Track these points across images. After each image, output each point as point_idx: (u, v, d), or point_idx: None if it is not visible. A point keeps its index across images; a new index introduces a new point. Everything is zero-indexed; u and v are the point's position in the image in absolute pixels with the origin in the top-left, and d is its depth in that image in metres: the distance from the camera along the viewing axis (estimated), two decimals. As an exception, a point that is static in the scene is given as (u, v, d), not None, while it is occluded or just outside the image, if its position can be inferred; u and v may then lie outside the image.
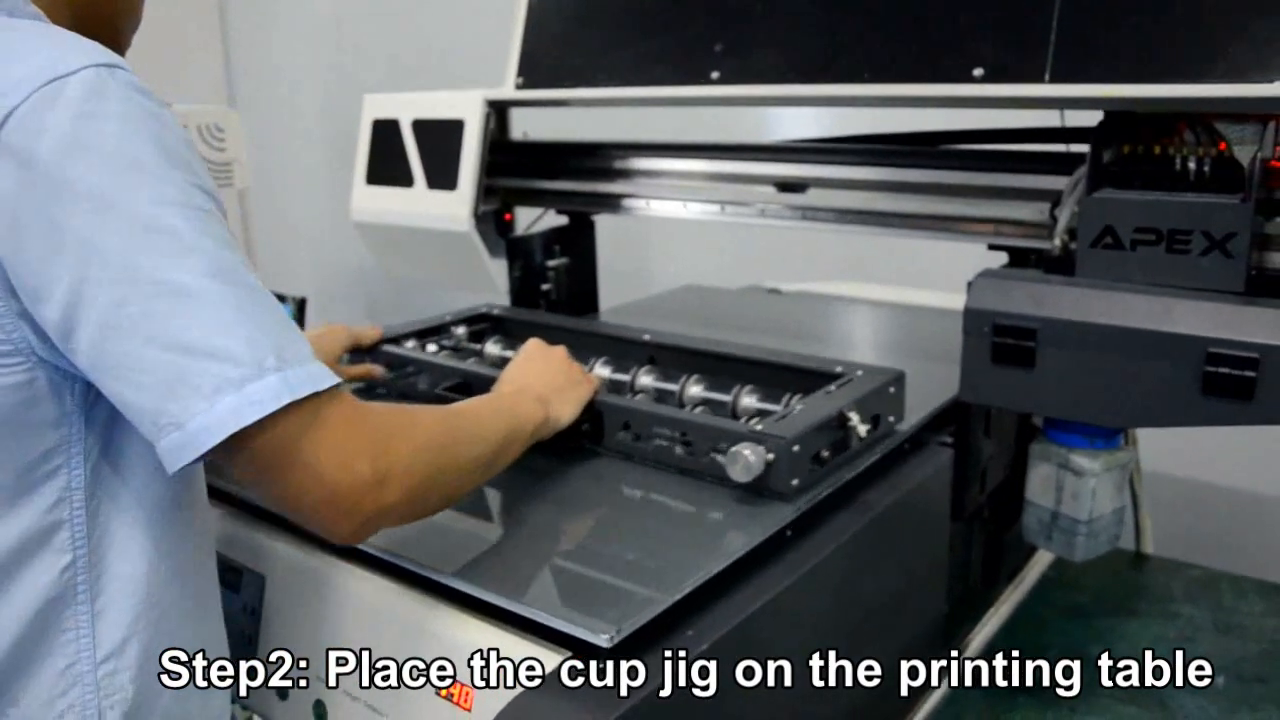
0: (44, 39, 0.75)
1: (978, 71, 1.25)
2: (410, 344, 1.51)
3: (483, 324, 1.65)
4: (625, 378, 1.37)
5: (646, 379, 1.36)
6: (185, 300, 0.71)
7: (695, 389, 1.32)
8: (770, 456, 1.07)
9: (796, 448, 1.08)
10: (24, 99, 0.70)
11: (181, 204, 0.72)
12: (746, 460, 1.06)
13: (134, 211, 0.71)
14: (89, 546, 0.80)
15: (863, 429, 1.16)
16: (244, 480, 0.78)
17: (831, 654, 1.11)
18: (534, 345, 1.27)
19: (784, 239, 2.13)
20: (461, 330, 1.60)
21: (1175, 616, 1.64)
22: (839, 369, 1.28)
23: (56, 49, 0.73)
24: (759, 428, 1.10)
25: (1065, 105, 1.31)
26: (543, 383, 1.18)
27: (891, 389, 1.24)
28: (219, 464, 0.74)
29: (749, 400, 1.27)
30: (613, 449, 1.24)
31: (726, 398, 1.29)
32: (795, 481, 1.09)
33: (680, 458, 1.18)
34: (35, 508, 0.78)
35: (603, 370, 1.40)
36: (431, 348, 1.51)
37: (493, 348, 1.53)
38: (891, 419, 1.25)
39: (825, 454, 1.14)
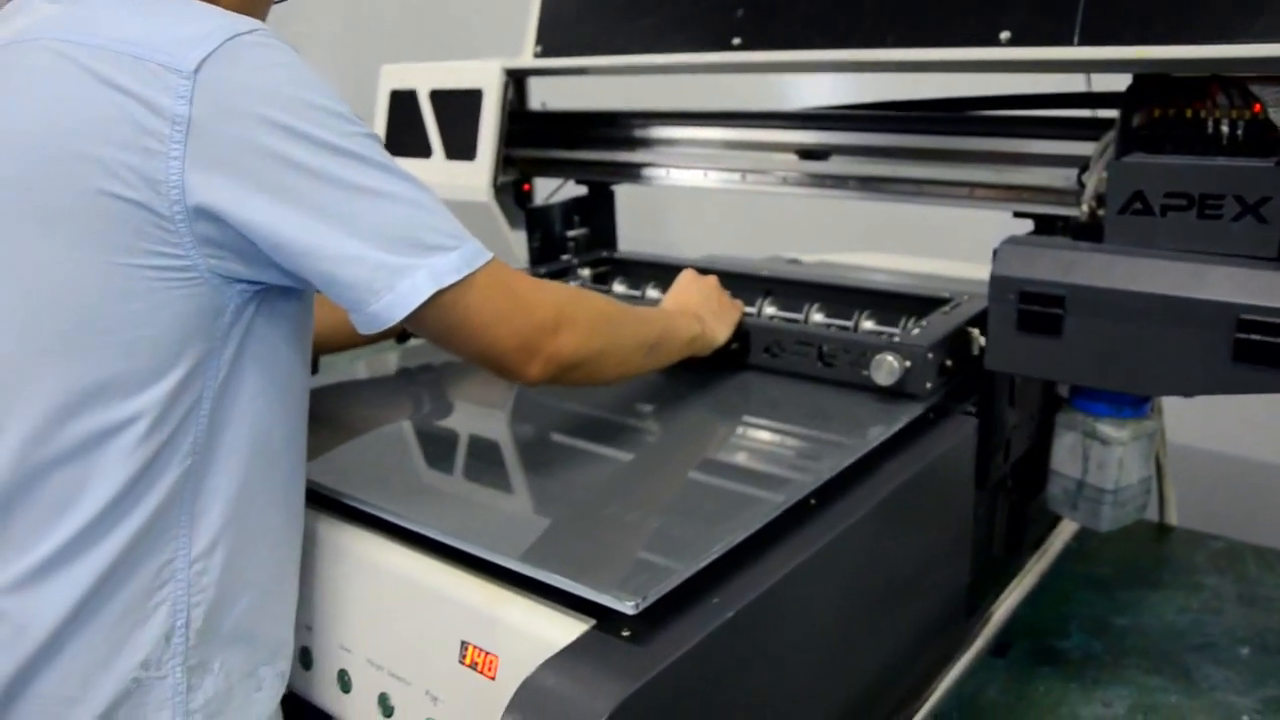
0: (213, 10, 0.87)
1: (1004, 34, 1.22)
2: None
3: (604, 266, 1.78)
4: (751, 310, 1.51)
5: (770, 309, 1.53)
6: (380, 198, 0.86)
7: (818, 316, 1.49)
8: (908, 363, 1.23)
9: (930, 355, 1.23)
10: (215, 48, 0.82)
11: (353, 132, 0.86)
12: (891, 365, 1.24)
13: (321, 139, 0.84)
14: (202, 455, 0.90)
15: (981, 341, 1.30)
16: (452, 338, 0.94)
17: (855, 623, 1.10)
18: (689, 275, 1.42)
19: (804, 209, 2.10)
20: (586, 272, 1.75)
21: (1199, 588, 1.63)
22: (947, 294, 1.43)
23: (228, 16, 0.86)
24: (898, 339, 1.29)
25: (1095, 68, 1.28)
26: (699, 305, 1.35)
27: None
28: (422, 326, 0.91)
29: (869, 324, 1.45)
30: (758, 365, 1.40)
31: (848, 323, 1.45)
32: (928, 384, 1.24)
33: (819, 370, 1.34)
34: (178, 410, 0.87)
35: None
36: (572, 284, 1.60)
37: (619, 286, 1.68)
38: None
39: (949, 363, 1.28)
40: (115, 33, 0.83)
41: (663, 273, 1.53)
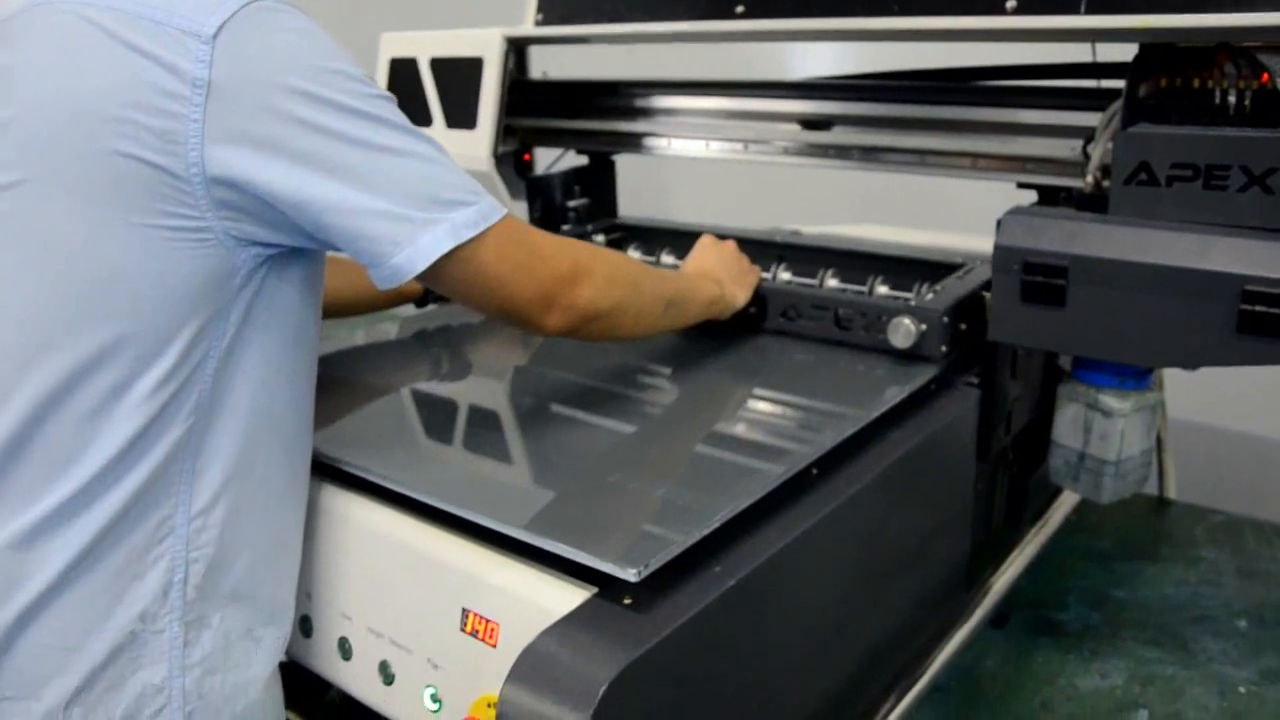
0: None
1: (1011, 3, 1.21)
2: None
3: (617, 233, 1.80)
4: (766, 275, 1.51)
5: (785, 274, 1.54)
6: (400, 156, 0.88)
7: (833, 281, 1.51)
8: (924, 326, 1.25)
9: (945, 319, 1.25)
10: (233, 13, 0.83)
11: (369, 94, 0.88)
12: (908, 328, 1.26)
13: (339, 102, 0.85)
14: (206, 412, 0.90)
15: None
16: (471, 291, 0.96)
17: (856, 593, 1.10)
18: (708, 240, 1.45)
19: (804, 181, 2.10)
20: (600, 238, 1.76)
21: (1198, 561, 1.63)
22: (960, 261, 1.46)
23: None
24: (913, 303, 1.31)
25: (1102, 38, 1.27)
26: (719, 269, 1.37)
27: None
28: (442, 280, 0.93)
29: (883, 289, 1.46)
30: (773, 329, 1.43)
31: (863, 288, 1.47)
32: (943, 348, 1.26)
33: (835, 333, 1.37)
34: (181, 375, 0.88)
35: None
36: None
37: (633, 252, 1.70)
38: None
39: (963, 327, 1.30)
40: None
41: (676, 239, 1.54)
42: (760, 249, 1.59)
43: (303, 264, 0.96)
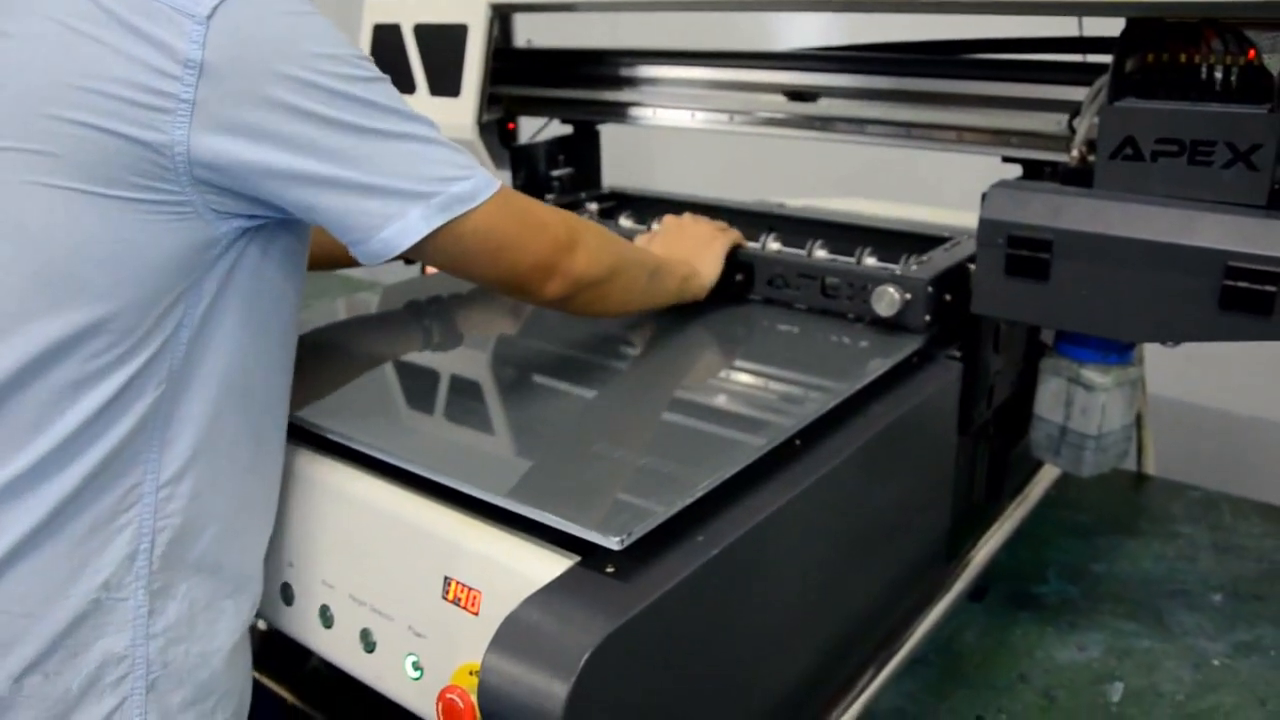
0: None
1: (999, -25, 1.21)
2: None
3: (611, 202, 1.79)
4: (755, 245, 1.52)
5: (774, 245, 1.53)
6: (390, 139, 0.89)
7: (821, 252, 1.50)
8: (908, 295, 1.25)
9: (930, 288, 1.26)
10: None
11: (365, 77, 0.88)
12: (892, 297, 1.27)
13: (331, 87, 0.85)
14: (176, 383, 0.90)
15: None
16: (468, 262, 0.98)
17: (837, 564, 1.11)
18: (668, 221, 1.47)
19: (789, 153, 2.09)
20: (594, 207, 1.75)
21: (1175, 536, 1.65)
22: (947, 234, 1.47)
23: None
24: (899, 272, 1.31)
25: (1090, 11, 1.26)
26: (684, 249, 1.38)
27: None
28: (437, 254, 0.95)
29: (870, 260, 1.45)
30: (761, 297, 1.44)
31: (850, 259, 1.46)
32: (926, 317, 1.27)
33: (821, 302, 1.38)
34: (153, 344, 0.87)
35: None
36: None
37: (626, 221, 1.70)
38: None
39: (948, 298, 1.31)
40: None
41: (669, 209, 1.53)
42: (750, 219, 1.59)
43: (285, 235, 0.95)
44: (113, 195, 0.82)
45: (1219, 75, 1.13)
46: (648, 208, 1.72)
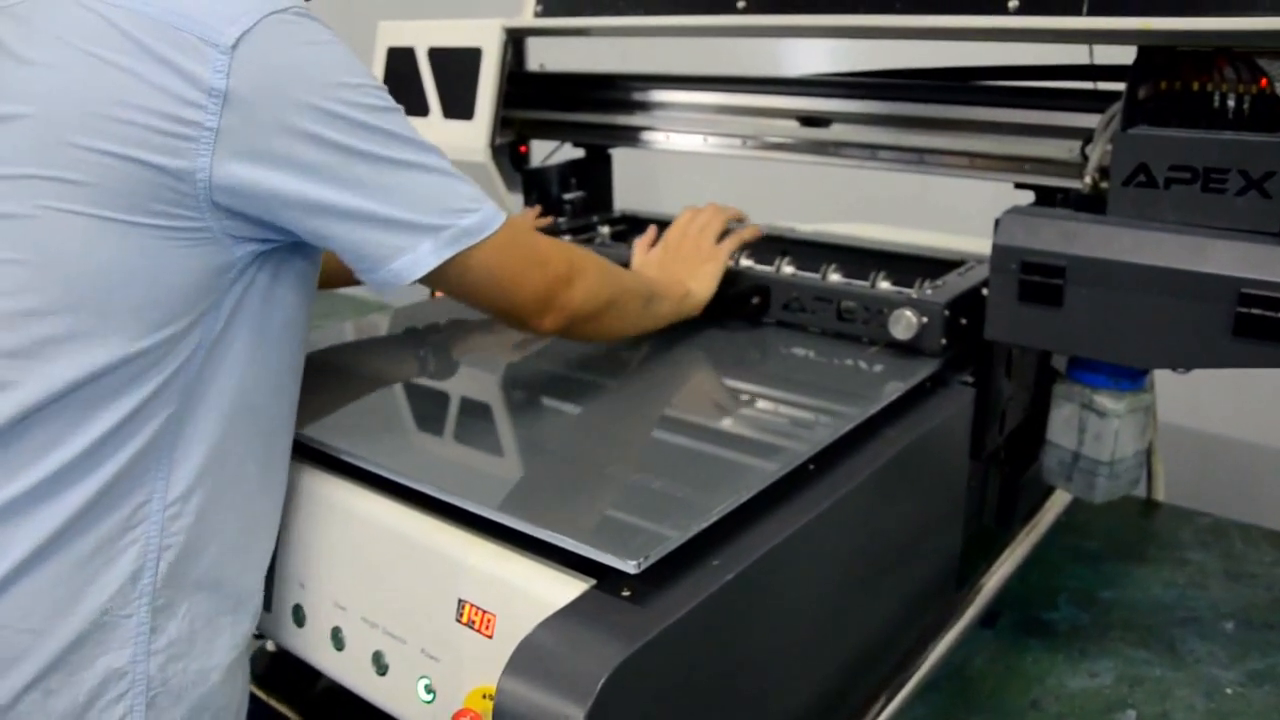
0: None
1: (1013, 3, 1.21)
2: (566, 238, 1.70)
3: (622, 225, 1.83)
4: (769, 268, 1.52)
5: (789, 268, 1.53)
6: (406, 169, 0.91)
7: (835, 276, 1.49)
8: (925, 319, 1.27)
9: (947, 312, 1.27)
10: (254, 23, 0.84)
11: (384, 108, 0.91)
12: (909, 320, 1.28)
13: (351, 118, 0.87)
14: (187, 403, 0.91)
15: None
16: (473, 293, 1.01)
17: (850, 589, 1.10)
18: (671, 236, 1.48)
19: (800, 179, 2.09)
20: (606, 230, 1.79)
21: (1185, 563, 1.64)
22: (961, 259, 1.48)
23: None
24: (915, 296, 1.32)
25: (1103, 39, 1.28)
26: (679, 270, 1.40)
27: None
28: (445, 284, 0.98)
29: (885, 284, 1.45)
30: (776, 320, 1.46)
31: (865, 283, 1.45)
32: (943, 341, 1.28)
33: (837, 326, 1.39)
34: (172, 361, 0.88)
35: (746, 262, 1.54)
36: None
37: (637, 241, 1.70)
38: None
39: (964, 322, 1.32)
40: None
41: None
42: (764, 244, 1.60)
43: (297, 259, 0.96)
44: (134, 221, 0.83)
45: (1231, 103, 1.14)
46: (658, 231, 1.72)
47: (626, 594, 0.84)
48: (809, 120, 1.56)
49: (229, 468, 0.95)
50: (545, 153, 1.87)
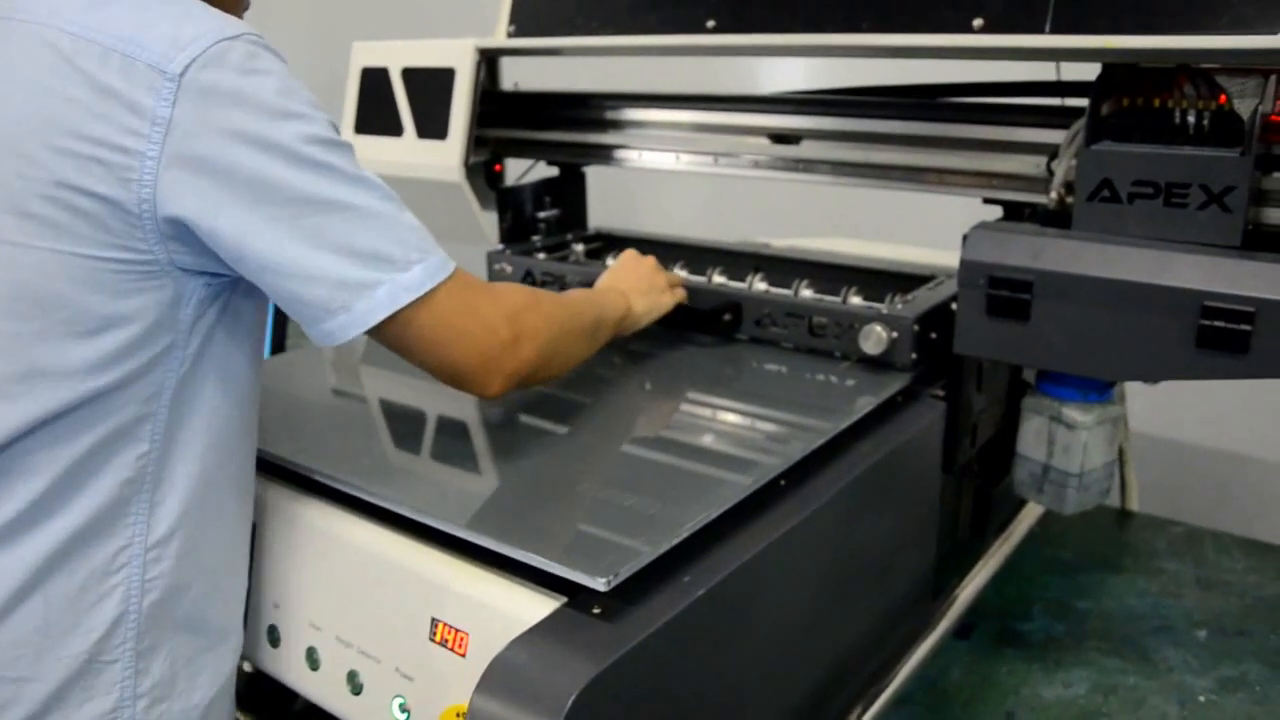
0: (204, 10, 0.87)
1: (977, 22, 1.23)
2: (541, 256, 1.72)
3: (597, 242, 1.84)
4: (742, 284, 1.55)
5: (761, 284, 1.55)
6: (348, 212, 0.87)
7: (807, 292, 1.51)
8: (895, 334, 1.28)
9: (916, 326, 1.28)
10: (203, 50, 0.82)
11: (328, 141, 0.87)
12: (879, 335, 1.30)
13: (295, 152, 0.84)
14: (162, 444, 0.90)
15: None
16: (411, 353, 0.95)
17: (823, 603, 1.11)
18: (628, 254, 1.46)
19: (773, 193, 2.11)
20: (580, 248, 1.79)
21: (1159, 572, 1.65)
22: (931, 274, 1.50)
23: (220, 19, 0.86)
24: (885, 311, 1.34)
25: (1066, 57, 1.30)
26: (627, 284, 1.37)
27: None
28: (382, 339, 0.93)
29: (856, 300, 1.47)
30: (748, 336, 1.46)
31: (836, 299, 1.47)
32: (913, 355, 1.29)
33: (808, 341, 1.40)
34: (135, 399, 0.87)
35: (719, 278, 1.59)
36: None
37: (611, 262, 1.69)
38: None
39: (934, 336, 1.33)
40: (107, 24, 0.83)
41: (655, 249, 1.55)
42: (737, 260, 1.62)
43: (256, 295, 0.95)
44: (84, 254, 0.83)
45: (1192, 119, 1.16)
46: (633, 248, 1.73)
47: (597, 611, 0.85)
48: (779, 138, 1.57)
49: (208, 508, 0.95)
50: (519, 171, 1.88)
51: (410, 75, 1.74)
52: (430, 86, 1.72)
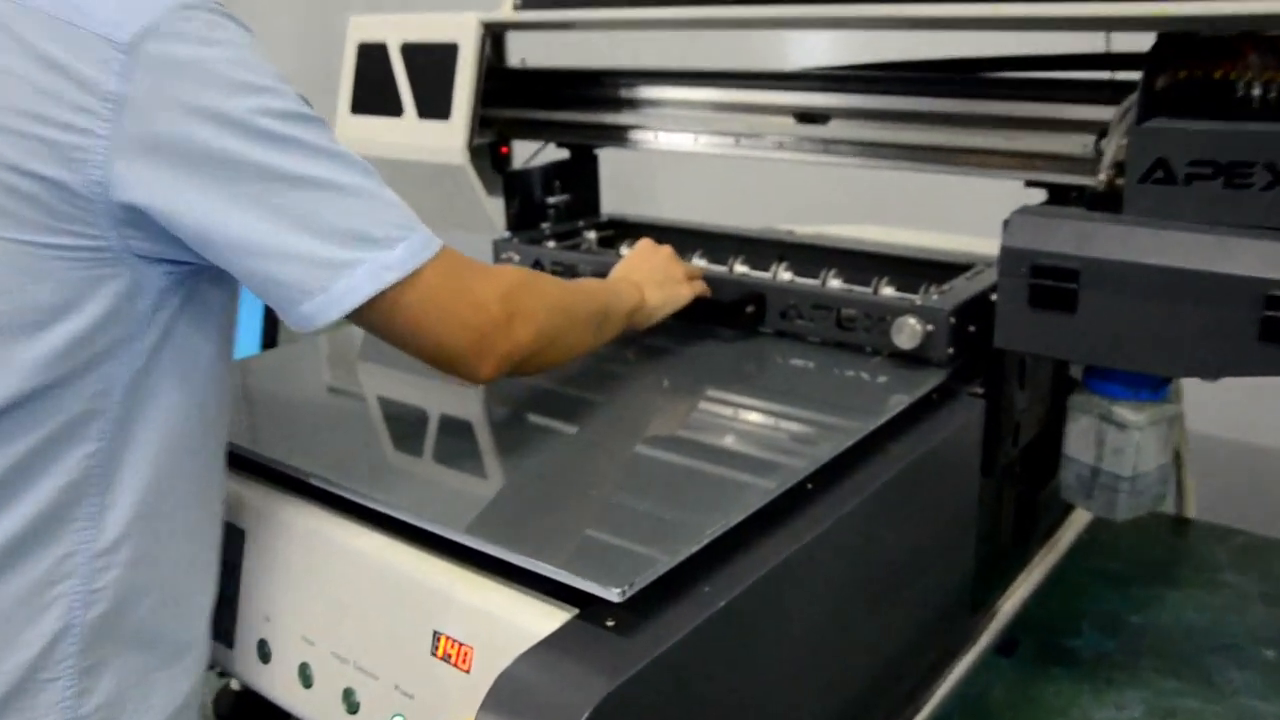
0: None
1: (1021, -12, 1.22)
2: (551, 244, 1.74)
3: (610, 230, 1.85)
4: (766, 274, 1.55)
5: (786, 274, 1.55)
6: (321, 188, 0.86)
7: (835, 282, 1.51)
8: (930, 326, 1.27)
9: (953, 319, 1.28)
10: (157, 18, 0.81)
11: (296, 114, 0.86)
12: (913, 328, 1.29)
13: (261, 126, 0.83)
14: (112, 443, 0.89)
15: None
16: (398, 338, 0.96)
17: (853, 616, 1.11)
18: (643, 243, 1.47)
19: (798, 177, 2.10)
20: (592, 235, 1.81)
21: (1220, 586, 1.64)
22: (969, 262, 1.48)
23: None
24: (920, 303, 1.32)
25: (1118, 26, 1.29)
26: (641, 275, 1.37)
27: None
28: (366, 324, 0.93)
29: (888, 291, 1.46)
30: (773, 329, 1.45)
31: (867, 290, 1.47)
32: (950, 350, 1.29)
33: (837, 334, 1.39)
34: (82, 395, 0.86)
35: (741, 268, 1.60)
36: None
37: (626, 250, 1.74)
38: None
39: (971, 330, 1.32)
40: None
41: (669, 236, 1.55)
42: (760, 248, 1.61)
43: (222, 287, 0.95)
44: (27, 239, 0.82)
45: (1257, 92, 1.14)
46: (649, 236, 1.73)
47: (611, 623, 0.84)
48: (806, 116, 1.57)
49: (164, 513, 0.94)
50: (528, 154, 1.88)
51: (410, 51, 1.75)
52: (431, 63, 1.72)
